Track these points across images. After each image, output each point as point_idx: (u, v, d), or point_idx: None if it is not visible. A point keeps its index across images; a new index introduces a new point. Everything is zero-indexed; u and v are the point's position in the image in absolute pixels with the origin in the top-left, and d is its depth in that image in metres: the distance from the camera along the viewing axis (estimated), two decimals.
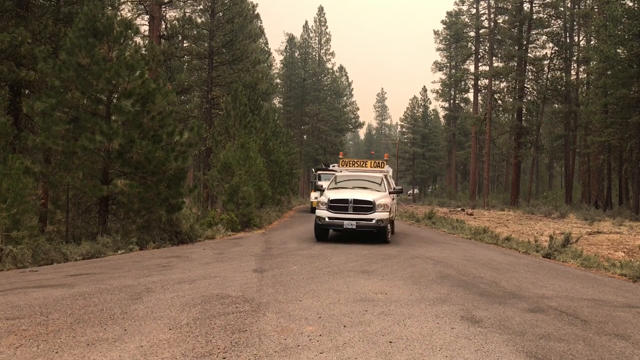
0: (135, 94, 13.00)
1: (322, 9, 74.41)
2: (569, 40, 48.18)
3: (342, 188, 15.24)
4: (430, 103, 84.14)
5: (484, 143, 51.16)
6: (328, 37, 74.95)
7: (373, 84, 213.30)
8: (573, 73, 47.28)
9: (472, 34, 60.59)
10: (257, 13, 44.72)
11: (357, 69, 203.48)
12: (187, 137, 14.17)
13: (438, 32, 70.11)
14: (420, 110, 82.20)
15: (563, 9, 47.02)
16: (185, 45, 33.53)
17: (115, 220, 13.86)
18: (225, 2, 32.67)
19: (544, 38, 47.89)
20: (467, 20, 61.85)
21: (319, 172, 34.07)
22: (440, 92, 71.28)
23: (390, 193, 15.36)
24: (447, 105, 73.92)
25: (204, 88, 33.65)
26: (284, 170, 34.60)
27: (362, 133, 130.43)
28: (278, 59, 75.39)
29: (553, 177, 71.05)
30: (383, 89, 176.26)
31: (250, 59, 32.92)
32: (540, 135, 49.33)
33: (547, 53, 47.06)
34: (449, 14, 67.25)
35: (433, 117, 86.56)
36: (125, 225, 13.42)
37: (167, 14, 36.03)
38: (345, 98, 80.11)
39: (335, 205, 13.72)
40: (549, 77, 46.34)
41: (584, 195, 41.66)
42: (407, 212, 33.97)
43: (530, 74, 47.33)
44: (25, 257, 9.62)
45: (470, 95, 64.26)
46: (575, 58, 45.72)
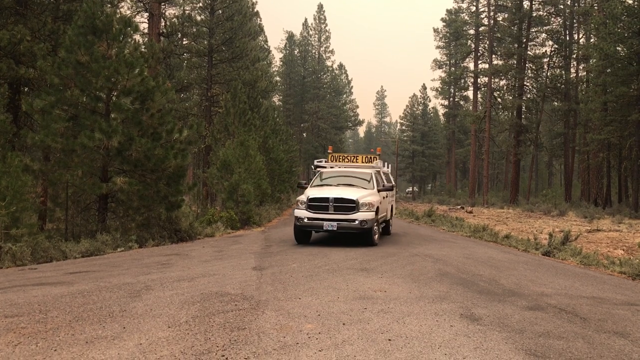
0: (135, 92, 13.00)
1: (321, 7, 74.32)
2: (569, 38, 48.15)
3: (326, 185, 13.90)
4: (430, 101, 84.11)
5: (484, 141, 51.12)
6: (327, 34, 74.93)
7: (373, 82, 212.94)
8: (573, 71, 47.28)
9: (471, 32, 60.56)
10: (256, 11, 44.64)
11: (356, 67, 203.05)
12: (186, 134, 14.17)
13: (438, 29, 70.06)
14: (420, 108, 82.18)
15: (563, 7, 46.98)
16: (185, 43, 33.51)
17: (115, 218, 13.86)
18: None
19: (544, 36, 47.89)
20: (466, 18, 61.75)
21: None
22: (440, 89, 71.27)
23: (380, 191, 13.85)
24: (446, 103, 73.90)
25: (204, 86, 33.65)
26: (284, 168, 34.60)
27: (361, 131, 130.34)
28: (277, 57, 75.25)
29: (552, 174, 71.06)
30: (383, 87, 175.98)
31: (250, 57, 32.90)
32: (540, 133, 49.27)
33: (546, 51, 47.02)
34: (449, 12, 67.17)
35: (433, 114, 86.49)
36: (125, 223, 13.42)
37: (166, 12, 35.90)
38: (345, 96, 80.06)
39: (315, 205, 12.49)
40: (549, 74, 46.32)
41: (584, 193, 41.66)
42: (406, 210, 33.99)
43: (530, 72, 47.27)
44: (25, 254, 9.62)
45: (470, 93, 64.22)
46: (575, 56, 45.66)
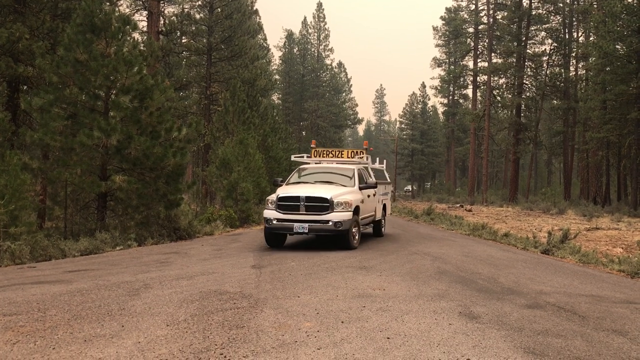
0: (134, 90, 12.98)
1: (320, 5, 74.19)
2: (568, 37, 48.14)
3: (303, 183, 12.76)
4: (429, 99, 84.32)
5: (483, 139, 51.13)
6: (327, 33, 74.78)
7: (372, 80, 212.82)
8: (572, 69, 47.27)
9: (471, 30, 60.56)
10: (255, 9, 44.53)
11: (356, 65, 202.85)
12: (185, 133, 14.15)
13: (437, 28, 70.03)
14: (419, 107, 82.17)
15: (562, 5, 46.98)
16: (184, 41, 33.46)
17: (114, 217, 13.86)
18: None
19: (543, 34, 47.87)
20: (466, 16, 61.72)
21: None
22: (439, 88, 71.23)
23: (362, 188, 12.73)
24: (446, 102, 73.87)
25: (203, 84, 33.62)
26: (283, 167, 34.51)
27: (361, 129, 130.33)
28: (277, 55, 75.21)
29: (552, 173, 71.05)
30: (382, 85, 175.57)
31: (249, 55, 32.87)
32: (539, 132, 49.31)
33: (546, 49, 47.01)
34: (448, 10, 67.15)
35: (432, 113, 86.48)
36: (124, 222, 13.42)
37: (165, 10, 35.92)
38: (344, 94, 79.95)
39: (285, 204, 11.41)
40: (548, 73, 46.31)
41: (583, 192, 41.68)
42: (405, 208, 34.02)
43: (529, 70, 47.26)
44: (24, 253, 9.61)
45: (469, 92, 64.21)
46: (574, 54, 45.64)
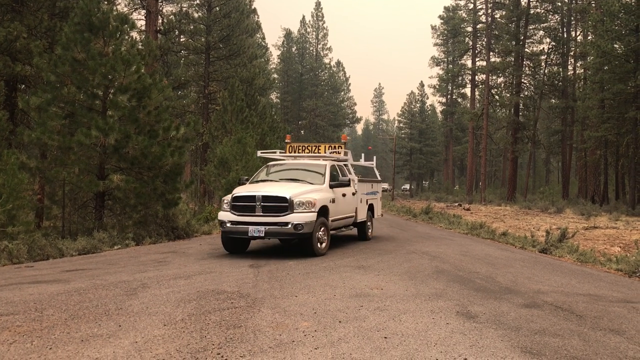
0: (132, 89, 12.95)
1: (319, 4, 74.18)
2: (566, 36, 48.15)
3: (268, 181, 11.50)
4: (428, 98, 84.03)
5: (481, 138, 51.17)
6: (325, 32, 74.79)
7: (370, 79, 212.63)
8: (570, 68, 47.32)
9: (469, 29, 60.57)
10: (254, 8, 44.63)
11: (354, 64, 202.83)
12: (183, 132, 14.12)
13: (435, 27, 70.03)
14: (418, 106, 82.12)
15: (560, 4, 47.00)
16: (182, 40, 33.43)
17: (112, 216, 13.83)
18: None
19: (541, 33, 47.94)
20: (464, 15, 61.75)
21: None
22: (438, 87, 71.28)
23: (334, 186, 11.30)
24: (444, 101, 73.91)
25: (201, 83, 33.59)
26: None
27: (359, 128, 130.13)
28: (275, 54, 75.16)
29: (550, 172, 71.10)
30: (380, 84, 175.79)
31: (247, 54, 32.87)
32: (537, 131, 49.31)
33: (544, 48, 47.12)
34: (447, 9, 67.15)
35: (430, 112, 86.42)
36: (122, 221, 13.39)
37: (163, 9, 35.91)
38: (343, 93, 80.00)
39: (239, 205, 10.14)
40: (546, 72, 46.37)
41: (581, 191, 41.75)
42: (404, 207, 34.02)
43: (528, 69, 47.33)
44: (21, 252, 9.58)
45: (468, 91, 64.32)
46: (573, 53, 45.71)
